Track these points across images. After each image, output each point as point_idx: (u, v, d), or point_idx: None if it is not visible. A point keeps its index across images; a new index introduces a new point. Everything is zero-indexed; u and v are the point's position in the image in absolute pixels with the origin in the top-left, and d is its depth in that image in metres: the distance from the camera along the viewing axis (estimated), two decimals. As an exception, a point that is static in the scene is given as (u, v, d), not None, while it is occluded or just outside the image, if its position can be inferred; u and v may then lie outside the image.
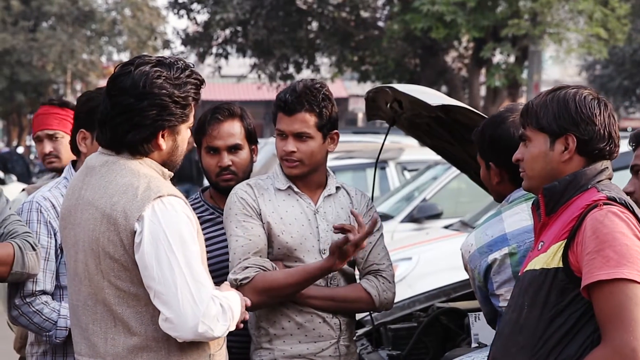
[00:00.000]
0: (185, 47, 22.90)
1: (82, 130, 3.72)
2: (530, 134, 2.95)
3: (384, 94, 4.12)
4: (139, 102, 2.87)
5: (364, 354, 4.23)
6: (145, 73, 2.89)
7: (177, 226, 2.84)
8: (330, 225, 3.70)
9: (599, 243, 2.70)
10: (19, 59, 30.56)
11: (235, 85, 32.34)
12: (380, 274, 3.73)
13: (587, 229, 2.73)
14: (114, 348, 2.90)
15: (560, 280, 2.77)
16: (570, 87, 2.97)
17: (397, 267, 7.31)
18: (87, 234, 2.91)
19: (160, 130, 2.91)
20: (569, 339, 2.74)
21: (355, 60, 21.65)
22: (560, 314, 2.76)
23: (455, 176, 9.49)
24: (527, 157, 2.97)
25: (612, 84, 33.37)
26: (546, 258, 2.82)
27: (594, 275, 2.67)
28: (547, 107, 2.91)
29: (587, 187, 2.86)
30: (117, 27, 34.00)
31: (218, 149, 3.89)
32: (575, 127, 2.88)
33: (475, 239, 3.38)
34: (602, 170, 2.90)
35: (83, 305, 2.95)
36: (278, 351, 3.66)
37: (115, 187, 2.88)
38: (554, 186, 2.89)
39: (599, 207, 2.76)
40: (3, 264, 3.32)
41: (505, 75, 18.59)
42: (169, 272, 2.80)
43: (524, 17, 17.70)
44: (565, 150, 2.89)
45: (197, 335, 2.82)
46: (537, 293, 2.81)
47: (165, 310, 2.81)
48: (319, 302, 3.65)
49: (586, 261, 2.70)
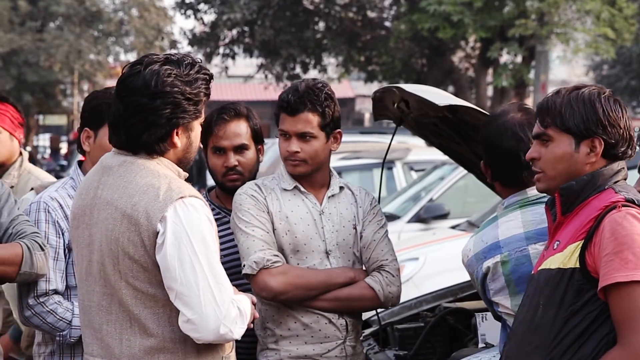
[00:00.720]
0: (192, 47, 22.91)
1: (86, 129, 3.73)
2: (554, 134, 2.93)
3: (391, 94, 4.12)
4: (152, 101, 2.87)
5: (370, 354, 4.23)
6: (156, 72, 2.88)
7: (199, 227, 2.84)
8: (336, 226, 3.71)
9: (617, 245, 2.69)
10: (26, 60, 30.60)
11: (242, 85, 32.33)
12: (383, 269, 3.74)
13: (605, 231, 2.73)
14: (129, 349, 2.89)
15: (576, 280, 2.76)
16: (590, 87, 2.95)
17: (404, 267, 7.31)
18: (105, 233, 2.90)
19: (175, 128, 2.91)
20: (584, 339, 2.74)
21: (362, 61, 21.65)
22: (576, 314, 2.75)
23: (462, 176, 9.48)
24: (549, 157, 2.94)
25: (619, 83, 33.30)
26: (563, 258, 2.82)
27: (612, 277, 2.67)
28: (573, 108, 2.89)
29: (604, 187, 2.86)
30: (124, 28, 34.03)
31: (224, 149, 3.89)
32: (603, 130, 2.87)
33: (473, 244, 3.39)
34: (619, 171, 2.91)
35: (97, 305, 2.94)
36: (284, 352, 3.66)
37: (136, 187, 2.87)
38: (571, 186, 2.88)
39: (618, 209, 2.75)
40: (11, 264, 3.33)
41: (512, 75, 18.56)
42: (192, 273, 2.80)
43: (531, 17, 17.67)
44: (591, 153, 2.89)
45: (218, 336, 2.83)
46: (553, 292, 2.80)
47: (187, 311, 2.81)
48: (324, 303, 3.65)
49: (604, 262, 2.70)
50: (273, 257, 3.58)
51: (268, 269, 3.56)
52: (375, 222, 3.79)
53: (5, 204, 3.44)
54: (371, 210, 3.81)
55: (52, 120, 44.11)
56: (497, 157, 3.37)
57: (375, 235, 3.75)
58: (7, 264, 3.32)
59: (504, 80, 18.38)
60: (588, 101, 2.89)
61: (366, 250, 3.74)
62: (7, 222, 3.41)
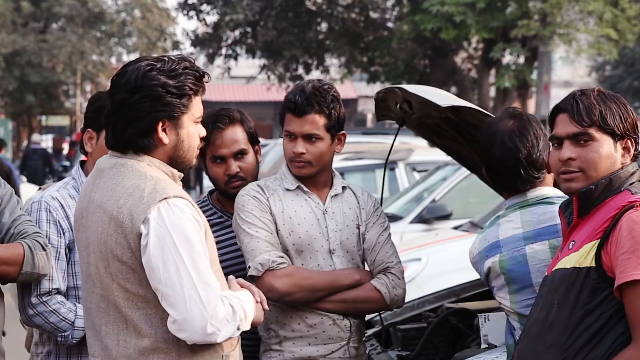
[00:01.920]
0: (194, 48, 22.93)
1: (89, 130, 3.73)
2: (596, 134, 2.94)
3: (394, 94, 4.12)
4: (132, 95, 2.88)
5: (373, 354, 4.23)
6: (138, 68, 2.90)
7: (182, 228, 2.83)
8: (339, 225, 3.71)
9: (634, 243, 2.70)
10: (29, 60, 30.63)
11: (245, 86, 32.33)
12: (389, 271, 3.74)
13: (622, 229, 2.74)
14: (125, 350, 2.90)
15: (592, 279, 2.77)
16: (606, 91, 3.02)
17: (406, 267, 7.30)
18: (96, 236, 2.91)
19: (157, 121, 2.90)
20: (599, 338, 2.74)
21: (365, 61, 21.66)
22: (591, 313, 2.76)
23: (464, 177, 9.48)
24: (593, 157, 2.93)
25: (622, 84, 33.29)
26: (578, 257, 2.83)
27: (629, 275, 2.68)
28: (612, 109, 2.94)
29: (621, 189, 2.89)
30: (127, 29, 34.04)
31: (224, 157, 3.87)
32: (634, 132, 2.94)
33: (478, 242, 3.45)
34: (634, 173, 2.94)
35: (96, 307, 2.95)
36: (288, 353, 3.66)
37: (122, 189, 2.88)
38: (590, 190, 2.91)
39: (635, 208, 2.77)
40: (13, 264, 3.33)
41: (514, 76, 18.56)
42: (175, 273, 2.79)
43: (534, 18, 17.67)
44: (625, 153, 2.95)
45: (206, 336, 2.81)
46: (568, 292, 2.81)
47: (172, 312, 2.80)
48: (330, 305, 3.66)
49: (621, 261, 2.71)
50: (278, 259, 3.58)
51: (273, 270, 3.56)
52: (379, 224, 3.79)
53: (7, 204, 3.45)
54: (374, 212, 3.81)
55: (55, 121, 44.13)
56: (490, 166, 3.42)
57: (379, 238, 3.75)
58: (9, 263, 3.32)
59: (507, 81, 18.38)
60: (621, 104, 2.96)
61: (371, 253, 3.74)
62: (9, 222, 3.41)
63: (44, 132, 40.28)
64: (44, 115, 39.72)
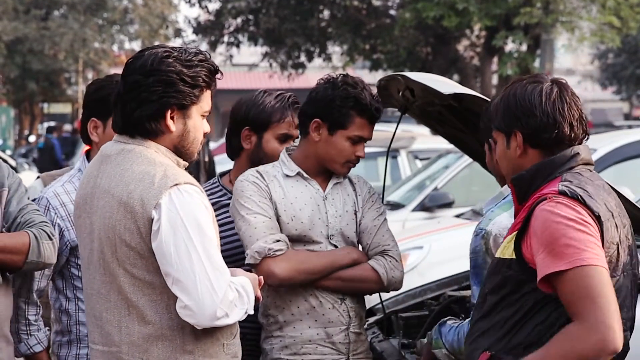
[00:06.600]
0: (196, 35, 22.91)
1: (94, 119, 3.71)
2: (495, 135, 3.00)
3: (396, 82, 4.12)
4: (146, 78, 2.91)
5: (375, 342, 4.24)
6: (155, 53, 2.94)
7: (194, 214, 2.85)
8: (339, 211, 3.72)
9: (548, 236, 2.70)
10: (30, 48, 30.64)
11: (247, 73, 32.28)
12: (386, 254, 3.75)
13: (537, 222, 2.74)
14: (129, 337, 2.91)
15: (514, 271, 2.80)
16: (521, 81, 2.97)
17: (408, 255, 7.31)
18: (103, 221, 2.92)
19: (167, 107, 2.92)
20: (520, 325, 2.80)
21: (367, 49, 21.61)
22: (513, 304, 2.81)
23: (467, 165, 9.47)
24: (497, 158, 3.03)
25: (624, 72, 33.27)
26: (502, 248, 2.88)
27: (555, 266, 2.68)
28: (497, 107, 2.96)
29: (555, 175, 2.86)
30: (129, 16, 34.04)
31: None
32: (518, 122, 2.89)
33: (506, 220, 3.38)
34: (573, 156, 2.88)
35: (97, 293, 2.96)
36: (289, 338, 3.67)
37: (132, 175, 2.89)
38: (521, 175, 2.91)
39: (549, 199, 2.76)
40: (18, 252, 3.33)
41: (517, 63, 18.54)
42: (187, 259, 2.81)
43: (537, 6, 17.64)
44: (517, 147, 2.92)
45: (215, 320, 2.83)
46: (494, 280, 2.87)
47: (183, 297, 2.82)
48: (327, 282, 3.66)
49: (540, 254, 2.71)
50: (275, 245, 3.58)
51: (271, 257, 3.56)
52: (375, 209, 3.81)
53: (15, 193, 3.44)
54: (370, 198, 3.82)
55: (57, 108, 44.15)
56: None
57: (375, 222, 3.77)
58: (14, 252, 3.32)
59: (509, 69, 18.36)
60: (506, 98, 2.93)
61: (366, 235, 3.75)
62: (16, 210, 3.41)
63: (45, 119, 40.29)
64: (45, 102, 39.76)
